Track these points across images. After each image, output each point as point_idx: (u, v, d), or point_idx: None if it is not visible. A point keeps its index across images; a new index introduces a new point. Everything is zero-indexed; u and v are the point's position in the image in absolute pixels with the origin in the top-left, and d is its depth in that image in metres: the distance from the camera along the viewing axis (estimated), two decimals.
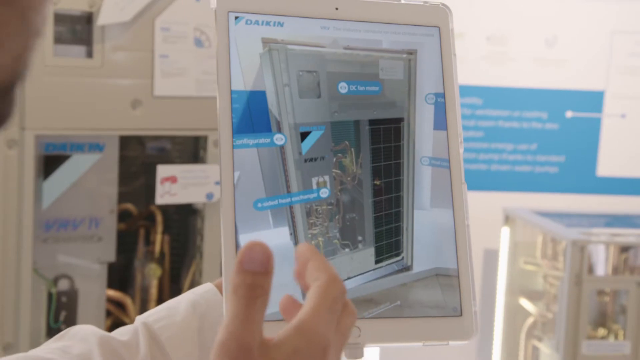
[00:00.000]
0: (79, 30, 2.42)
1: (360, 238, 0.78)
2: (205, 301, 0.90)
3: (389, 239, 0.79)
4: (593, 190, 3.49)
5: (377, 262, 0.78)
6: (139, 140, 2.63)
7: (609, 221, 3.25)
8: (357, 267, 0.77)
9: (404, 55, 0.81)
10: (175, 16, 2.47)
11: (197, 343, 0.88)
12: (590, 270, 2.86)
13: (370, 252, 0.78)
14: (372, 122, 0.80)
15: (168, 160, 2.63)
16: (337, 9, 0.80)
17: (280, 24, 0.79)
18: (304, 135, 0.78)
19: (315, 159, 0.78)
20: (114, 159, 2.51)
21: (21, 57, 0.62)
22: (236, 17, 0.78)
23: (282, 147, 0.77)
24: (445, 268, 0.79)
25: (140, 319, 0.90)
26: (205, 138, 2.57)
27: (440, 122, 0.81)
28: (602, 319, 2.93)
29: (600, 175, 3.49)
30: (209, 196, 2.56)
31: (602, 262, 2.90)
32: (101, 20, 2.38)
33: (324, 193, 0.78)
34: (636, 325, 2.84)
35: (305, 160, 0.77)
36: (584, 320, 2.80)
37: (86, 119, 2.41)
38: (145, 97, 2.46)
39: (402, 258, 0.79)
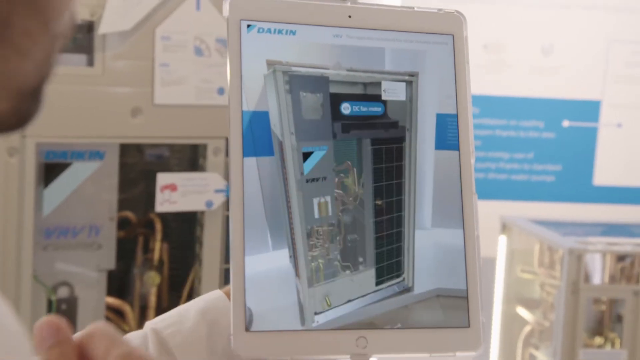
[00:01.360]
0: (79, 38, 2.44)
1: (361, 259, 0.78)
2: (214, 308, 0.90)
3: (390, 260, 0.78)
4: (590, 199, 3.49)
5: (377, 283, 0.78)
6: (139, 148, 2.65)
7: (606, 230, 3.25)
8: (358, 289, 0.77)
9: (406, 77, 0.81)
10: (176, 25, 2.48)
11: (206, 350, 0.88)
12: (587, 278, 2.87)
13: (371, 274, 0.78)
14: (374, 142, 0.80)
15: (167, 168, 2.64)
16: (350, 16, 0.80)
17: (293, 32, 0.79)
18: (306, 156, 0.78)
19: (317, 180, 0.78)
20: (114, 166, 2.52)
21: (45, 61, 0.64)
22: (248, 25, 0.78)
23: (283, 168, 0.77)
24: (448, 284, 0.79)
25: (149, 324, 0.91)
26: (204, 146, 2.58)
27: (451, 135, 0.81)
28: (598, 328, 2.94)
29: (597, 184, 3.50)
30: (209, 204, 2.57)
31: (598, 270, 2.91)
32: (102, 29, 2.39)
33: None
34: (633, 334, 2.85)
35: (307, 181, 0.77)
36: (580, 329, 2.81)
37: (87, 127, 2.42)
38: (145, 105, 2.47)
39: (403, 279, 0.78)
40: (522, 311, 3.15)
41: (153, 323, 0.91)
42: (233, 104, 0.77)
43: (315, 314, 0.74)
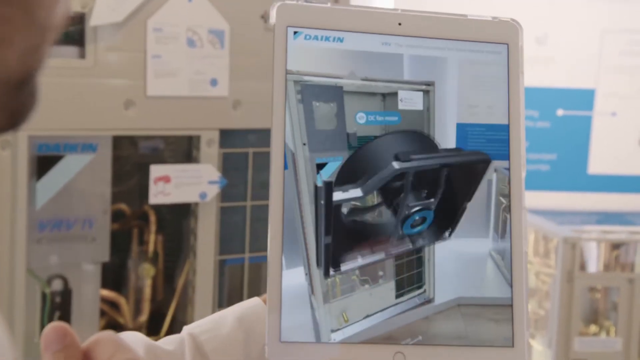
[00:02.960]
0: (71, 30, 2.42)
1: (380, 272, 0.76)
2: (252, 315, 0.90)
3: (411, 271, 0.77)
4: (584, 188, 3.50)
5: (397, 296, 0.76)
6: (132, 140, 2.63)
7: (601, 218, 3.27)
8: (377, 303, 0.75)
9: (423, 87, 0.79)
10: (168, 17, 2.46)
11: (242, 356, 0.88)
12: (582, 267, 2.88)
13: (390, 287, 0.76)
14: None
15: (161, 160, 2.63)
16: (400, 24, 0.78)
17: (340, 40, 0.77)
18: (320, 167, 0.76)
19: None
20: (107, 159, 2.50)
21: (32, 52, 0.62)
22: (295, 32, 0.76)
23: (297, 181, 0.75)
24: (471, 293, 0.77)
25: (186, 329, 0.91)
26: (198, 138, 2.57)
27: (500, 145, 0.79)
28: (593, 316, 2.95)
29: (592, 173, 3.51)
30: (202, 196, 2.56)
31: (593, 259, 2.92)
32: (93, 20, 2.38)
33: None
34: (627, 322, 2.86)
35: None
36: (575, 317, 2.82)
37: (79, 119, 2.41)
38: (138, 98, 2.46)
39: (424, 290, 0.77)
40: None
41: (190, 328, 0.91)
42: (277, 114, 0.74)
43: (332, 331, 0.73)
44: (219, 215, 2.62)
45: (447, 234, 0.77)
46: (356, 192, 0.76)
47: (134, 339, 0.89)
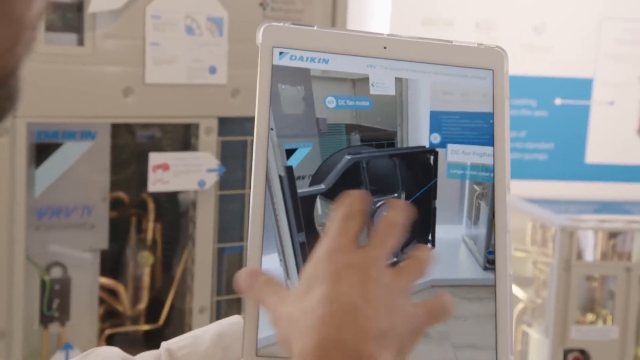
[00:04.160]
0: (69, 17, 2.42)
1: None
2: (230, 332, 0.90)
3: None
4: (582, 177, 3.50)
5: None
6: (130, 128, 2.64)
7: (598, 207, 3.27)
8: None
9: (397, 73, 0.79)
10: (166, 4, 2.46)
11: None
12: (579, 256, 2.88)
13: None
14: (363, 139, 0.78)
15: (159, 148, 2.63)
16: (385, 47, 0.78)
17: (325, 61, 0.77)
18: (289, 153, 0.76)
19: (304, 177, 0.76)
20: (105, 146, 2.51)
21: (10, 50, 0.61)
22: (281, 53, 0.77)
23: (266, 168, 0.75)
24: (444, 275, 0.77)
25: (165, 345, 0.91)
26: (196, 126, 2.57)
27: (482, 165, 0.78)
28: (590, 304, 2.96)
29: (589, 162, 3.51)
30: (201, 184, 2.56)
31: (590, 248, 2.92)
32: (92, 7, 2.38)
33: None
34: (624, 311, 2.86)
35: None
36: (573, 306, 2.82)
37: (78, 106, 2.41)
38: (136, 85, 2.46)
39: None
40: (514, 289, 3.16)
41: (168, 343, 0.91)
42: (260, 130, 0.75)
43: None
44: (217, 203, 2.62)
45: (429, 245, 0.78)
46: (319, 187, 0.76)
47: (111, 353, 0.89)
